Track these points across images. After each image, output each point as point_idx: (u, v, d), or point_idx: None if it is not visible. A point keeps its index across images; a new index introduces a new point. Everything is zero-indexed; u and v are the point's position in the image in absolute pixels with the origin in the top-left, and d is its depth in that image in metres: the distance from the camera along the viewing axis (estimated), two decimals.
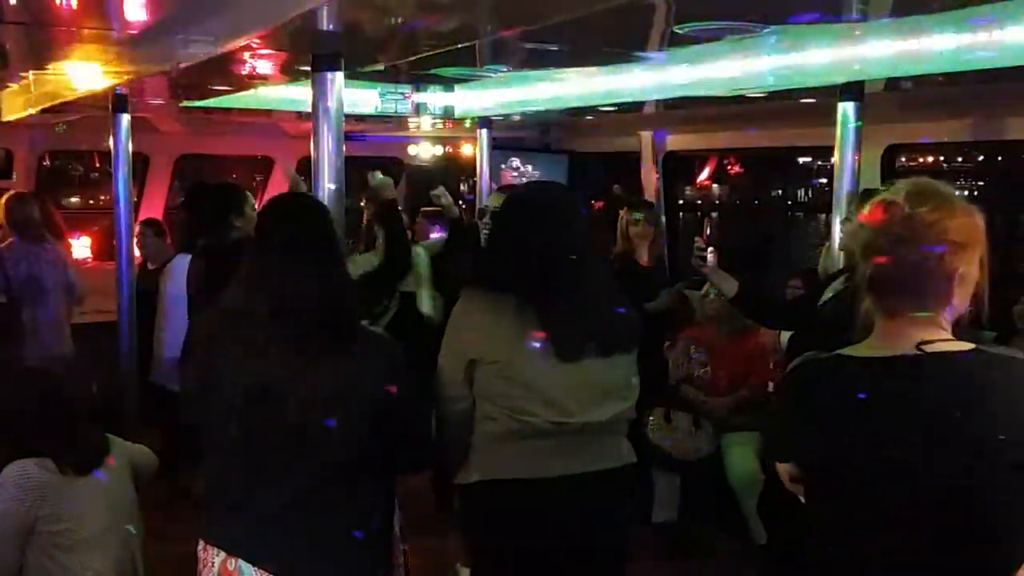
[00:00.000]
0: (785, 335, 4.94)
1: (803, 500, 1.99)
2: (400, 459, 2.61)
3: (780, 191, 10.22)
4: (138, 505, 3.33)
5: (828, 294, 3.88)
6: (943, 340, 1.81)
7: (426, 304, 5.21)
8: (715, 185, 9.88)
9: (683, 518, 5.35)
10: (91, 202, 9.55)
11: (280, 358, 2.40)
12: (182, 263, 5.01)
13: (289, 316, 2.42)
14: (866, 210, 1.88)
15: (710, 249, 4.35)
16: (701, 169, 9.05)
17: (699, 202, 9.50)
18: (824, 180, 8.47)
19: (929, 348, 1.79)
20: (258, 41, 3.33)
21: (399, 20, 2.88)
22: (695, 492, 5.30)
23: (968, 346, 1.82)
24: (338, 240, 2.70)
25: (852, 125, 4.42)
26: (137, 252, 6.85)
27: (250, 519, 2.43)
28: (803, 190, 10.18)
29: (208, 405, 2.49)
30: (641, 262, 5.72)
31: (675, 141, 7.45)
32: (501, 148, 7.86)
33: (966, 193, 5.35)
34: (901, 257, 1.81)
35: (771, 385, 5.30)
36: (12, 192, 6.41)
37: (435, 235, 6.32)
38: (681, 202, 8.22)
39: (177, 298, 5.14)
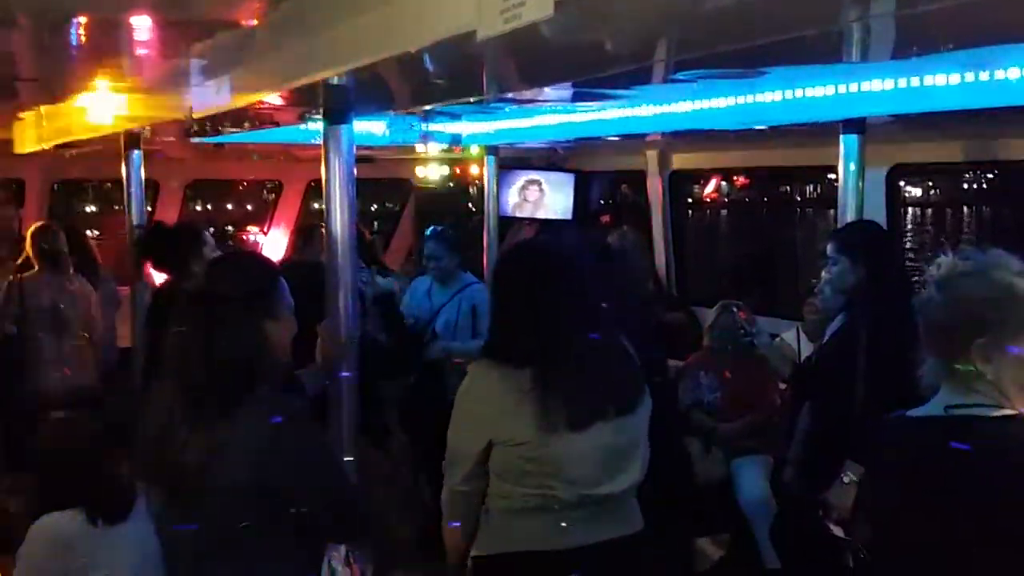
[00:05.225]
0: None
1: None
2: (322, 529, 2.55)
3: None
4: None
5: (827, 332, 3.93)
6: None
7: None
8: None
9: (695, 541, 5.39)
10: (103, 228, 9.66)
11: (176, 422, 2.46)
12: None
13: (179, 380, 2.49)
14: None
15: None
16: (706, 183, 9.10)
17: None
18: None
19: None
20: (272, 98, 3.40)
21: (409, 82, 2.95)
22: (707, 516, 5.34)
23: None
24: (263, 303, 2.62)
25: (855, 158, 4.46)
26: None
27: None
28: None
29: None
30: None
31: (680, 159, 7.50)
32: (508, 168, 7.92)
33: None
34: None
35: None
36: (39, 223, 6.35)
37: None
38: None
39: None
